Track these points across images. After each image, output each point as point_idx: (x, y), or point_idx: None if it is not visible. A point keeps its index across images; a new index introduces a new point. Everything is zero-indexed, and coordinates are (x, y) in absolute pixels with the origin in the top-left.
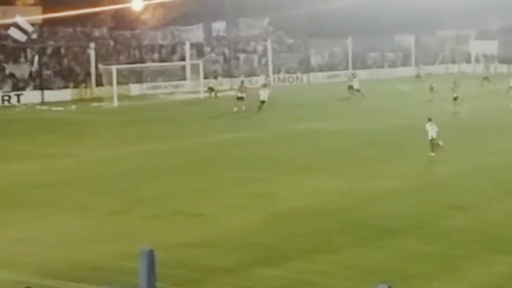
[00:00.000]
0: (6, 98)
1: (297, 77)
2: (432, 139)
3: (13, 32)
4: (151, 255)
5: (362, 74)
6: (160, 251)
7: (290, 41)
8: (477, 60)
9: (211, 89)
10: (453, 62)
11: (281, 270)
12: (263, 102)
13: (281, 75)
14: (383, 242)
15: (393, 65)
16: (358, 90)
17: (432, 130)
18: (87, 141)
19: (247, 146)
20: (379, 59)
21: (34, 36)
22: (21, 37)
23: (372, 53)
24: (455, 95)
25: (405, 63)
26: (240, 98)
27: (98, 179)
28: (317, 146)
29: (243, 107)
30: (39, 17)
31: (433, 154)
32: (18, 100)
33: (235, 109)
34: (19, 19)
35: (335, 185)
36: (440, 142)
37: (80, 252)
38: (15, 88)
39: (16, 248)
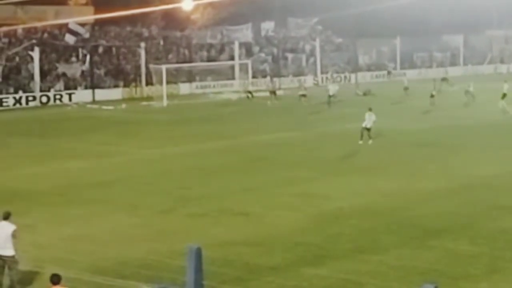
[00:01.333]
0: (58, 97)
1: (345, 77)
2: (366, 128)
3: (68, 38)
4: (198, 253)
5: (411, 74)
6: (207, 249)
7: (338, 40)
8: None
9: (249, 93)
10: (502, 62)
11: (327, 270)
12: (331, 96)
13: (329, 75)
14: (430, 242)
15: (441, 65)
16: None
17: (369, 120)
18: (137, 140)
19: (295, 145)
20: (427, 59)
21: (86, 35)
22: (74, 40)
23: (420, 53)
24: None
25: (453, 63)
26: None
27: (148, 178)
28: (364, 146)
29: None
30: (91, 17)
31: (361, 142)
32: (70, 99)
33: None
34: (71, 24)
35: (382, 185)
36: (370, 142)
37: (129, 249)
38: (67, 87)
39: (67, 245)
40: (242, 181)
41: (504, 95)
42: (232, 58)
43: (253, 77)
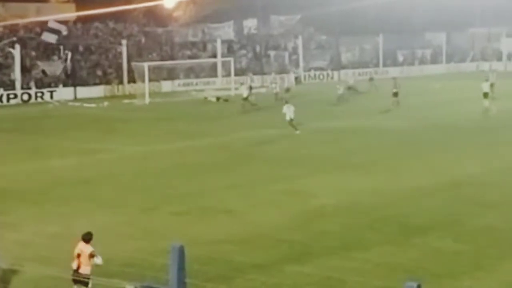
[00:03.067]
0: (39, 94)
1: (328, 74)
2: (291, 120)
3: (46, 36)
4: (181, 251)
5: (393, 71)
6: (190, 247)
7: (321, 38)
8: (509, 58)
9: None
10: (484, 59)
11: (310, 267)
12: (245, 99)
13: (312, 72)
14: (414, 240)
15: (423, 62)
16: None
17: (289, 111)
18: (120, 137)
19: (280, 143)
20: (410, 57)
21: (65, 33)
22: (54, 39)
23: (402, 50)
24: (394, 90)
25: (435, 61)
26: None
27: (131, 176)
28: (349, 144)
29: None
30: (71, 15)
31: (298, 132)
32: (51, 97)
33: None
34: (52, 22)
35: (367, 183)
36: (297, 132)
37: (113, 247)
38: (48, 85)
39: (50, 243)
40: (225, 178)
41: (485, 94)
42: (214, 55)
43: (236, 74)
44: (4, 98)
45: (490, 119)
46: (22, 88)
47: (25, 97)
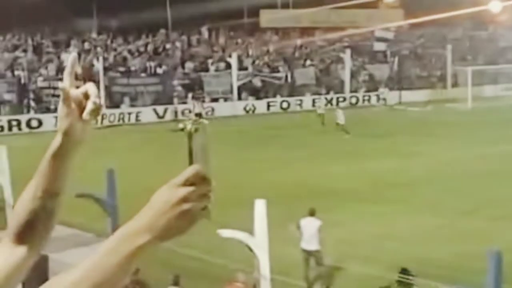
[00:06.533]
0: (366, 98)
1: None
2: None
3: (377, 46)
4: (498, 256)
5: None
6: (508, 253)
7: None
8: None
9: None
10: None
11: None
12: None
13: None
14: None
15: None
16: None
17: None
18: (440, 141)
19: None
20: None
21: (392, 38)
22: (383, 46)
23: None
24: None
25: None
26: None
27: (450, 179)
28: None
29: None
30: (400, 23)
31: None
32: (378, 100)
33: None
34: (378, 31)
35: None
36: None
37: (430, 249)
38: (375, 88)
39: (372, 242)
40: None
41: None
42: None
43: None
44: (334, 101)
45: None
46: (351, 91)
47: (353, 100)
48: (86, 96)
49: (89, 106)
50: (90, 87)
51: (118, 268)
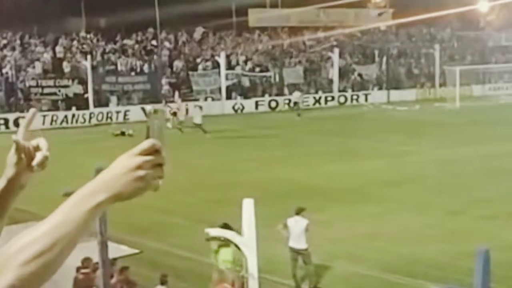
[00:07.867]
0: (355, 97)
1: None
2: None
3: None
4: (486, 255)
5: None
6: (496, 252)
7: None
8: None
9: None
10: None
11: None
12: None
13: None
14: None
15: None
16: None
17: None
18: (428, 140)
19: None
20: None
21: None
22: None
23: None
24: None
25: None
26: None
27: (438, 179)
28: None
29: None
30: (387, 23)
31: None
32: (366, 100)
33: None
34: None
35: None
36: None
37: (419, 248)
38: (363, 88)
39: (359, 241)
40: None
41: None
42: None
43: None
44: (322, 100)
45: None
46: (339, 90)
47: (342, 99)
48: (36, 148)
49: (39, 157)
50: (41, 141)
51: (80, 221)
